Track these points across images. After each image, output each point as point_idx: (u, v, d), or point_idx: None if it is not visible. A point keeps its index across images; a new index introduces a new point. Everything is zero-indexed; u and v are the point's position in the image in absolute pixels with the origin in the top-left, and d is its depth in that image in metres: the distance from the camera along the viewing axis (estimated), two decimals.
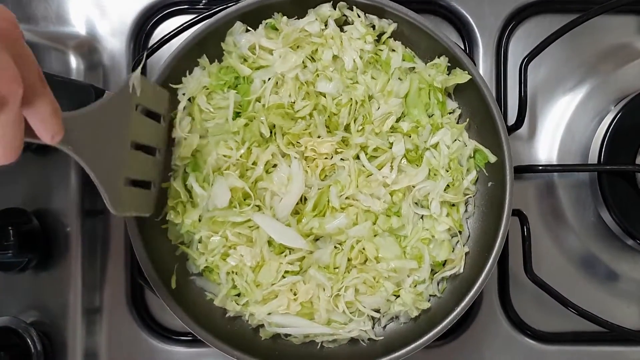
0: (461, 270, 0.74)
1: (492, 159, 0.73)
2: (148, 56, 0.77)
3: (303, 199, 0.73)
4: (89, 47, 0.81)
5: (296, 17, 0.75)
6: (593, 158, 0.80)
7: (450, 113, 0.76)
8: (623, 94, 0.83)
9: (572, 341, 0.82)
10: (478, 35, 0.83)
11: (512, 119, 0.80)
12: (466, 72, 0.72)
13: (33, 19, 0.81)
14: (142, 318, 0.82)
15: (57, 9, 0.82)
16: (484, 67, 0.83)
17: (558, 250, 0.83)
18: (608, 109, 0.82)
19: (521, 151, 0.83)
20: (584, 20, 0.76)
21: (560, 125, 0.84)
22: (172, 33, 0.76)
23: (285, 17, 0.74)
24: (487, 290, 0.81)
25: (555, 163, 0.83)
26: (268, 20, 0.74)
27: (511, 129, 0.79)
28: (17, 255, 0.72)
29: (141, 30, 0.83)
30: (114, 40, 0.82)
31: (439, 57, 0.74)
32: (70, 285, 0.76)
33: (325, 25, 0.74)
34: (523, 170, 0.79)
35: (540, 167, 0.79)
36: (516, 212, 0.77)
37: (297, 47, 0.74)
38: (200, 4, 0.83)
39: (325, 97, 0.74)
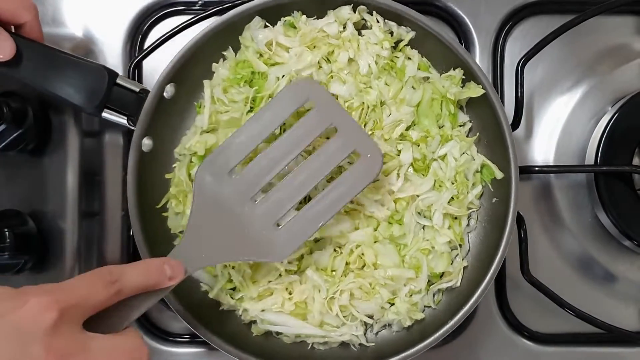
0: (458, 284, 0.74)
1: (499, 175, 0.73)
2: (144, 57, 0.77)
3: (307, 199, 0.73)
4: (85, 49, 0.81)
5: (315, 17, 0.74)
6: (590, 159, 0.80)
7: (460, 126, 0.76)
8: (620, 94, 0.82)
9: (569, 342, 0.81)
10: (474, 35, 0.82)
11: (508, 120, 0.79)
12: (480, 86, 0.72)
13: None
14: (138, 319, 0.80)
15: (53, 10, 0.81)
16: (480, 67, 0.82)
17: (555, 252, 0.83)
18: (605, 110, 0.82)
19: (518, 152, 0.83)
20: (580, 21, 0.76)
21: (557, 126, 0.83)
22: (168, 34, 0.76)
23: (304, 16, 0.74)
24: None
25: (552, 164, 0.83)
26: (287, 18, 0.74)
27: None
28: (14, 257, 0.71)
29: (137, 32, 0.82)
30: (111, 42, 0.81)
31: (454, 69, 0.74)
32: None
33: (344, 27, 0.74)
34: (520, 172, 0.78)
35: (537, 168, 0.79)
36: None
37: (314, 47, 0.74)
38: (197, 5, 0.82)
39: (337, 99, 0.73)
